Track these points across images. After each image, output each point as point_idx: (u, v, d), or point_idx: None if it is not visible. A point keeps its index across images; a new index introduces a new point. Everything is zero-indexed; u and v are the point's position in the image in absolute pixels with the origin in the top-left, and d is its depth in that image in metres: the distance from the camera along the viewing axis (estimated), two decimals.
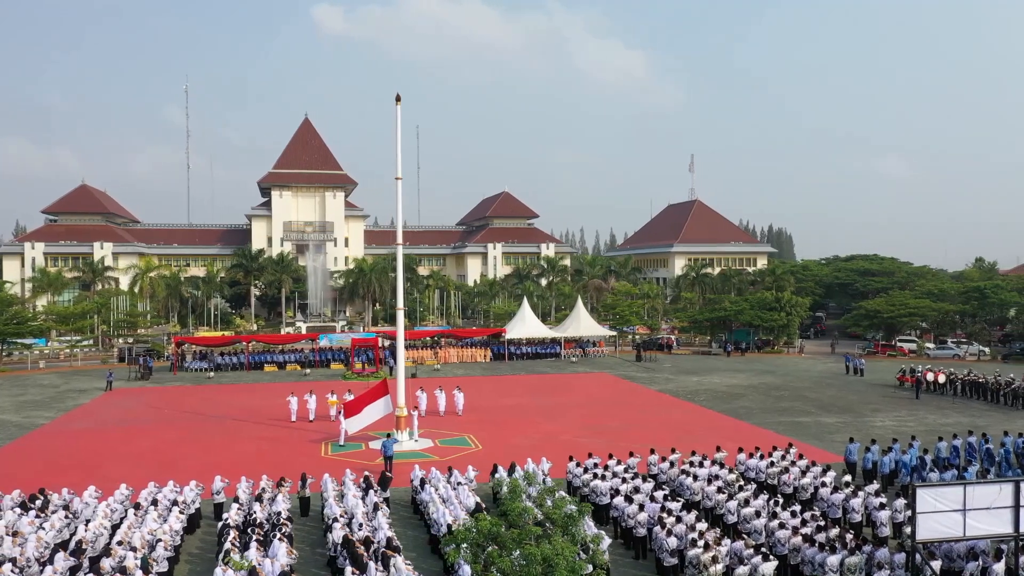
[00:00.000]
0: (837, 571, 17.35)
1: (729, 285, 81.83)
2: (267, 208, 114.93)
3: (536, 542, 13.41)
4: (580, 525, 14.33)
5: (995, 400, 43.29)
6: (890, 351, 66.01)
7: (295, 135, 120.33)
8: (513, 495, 14.24)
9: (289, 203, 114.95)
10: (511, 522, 13.71)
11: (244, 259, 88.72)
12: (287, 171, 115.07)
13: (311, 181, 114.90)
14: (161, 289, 74.71)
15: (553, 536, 13.53)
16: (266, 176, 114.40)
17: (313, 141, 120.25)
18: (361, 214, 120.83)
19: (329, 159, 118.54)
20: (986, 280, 78.60)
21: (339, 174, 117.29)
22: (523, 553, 12.96)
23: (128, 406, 43.58)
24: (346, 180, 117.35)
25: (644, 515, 20.67)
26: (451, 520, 20.02)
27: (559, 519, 13.86)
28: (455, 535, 14.25)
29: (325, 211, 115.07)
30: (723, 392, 47.44)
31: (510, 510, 13.86)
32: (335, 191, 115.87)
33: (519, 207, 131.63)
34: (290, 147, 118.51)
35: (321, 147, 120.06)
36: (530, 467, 25.47)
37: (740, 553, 18.05)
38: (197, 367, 58.14)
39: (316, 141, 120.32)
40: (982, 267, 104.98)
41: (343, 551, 18.45)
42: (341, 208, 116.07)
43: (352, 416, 32.41)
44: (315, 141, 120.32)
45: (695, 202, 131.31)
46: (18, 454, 32.30)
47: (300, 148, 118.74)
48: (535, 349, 65.25)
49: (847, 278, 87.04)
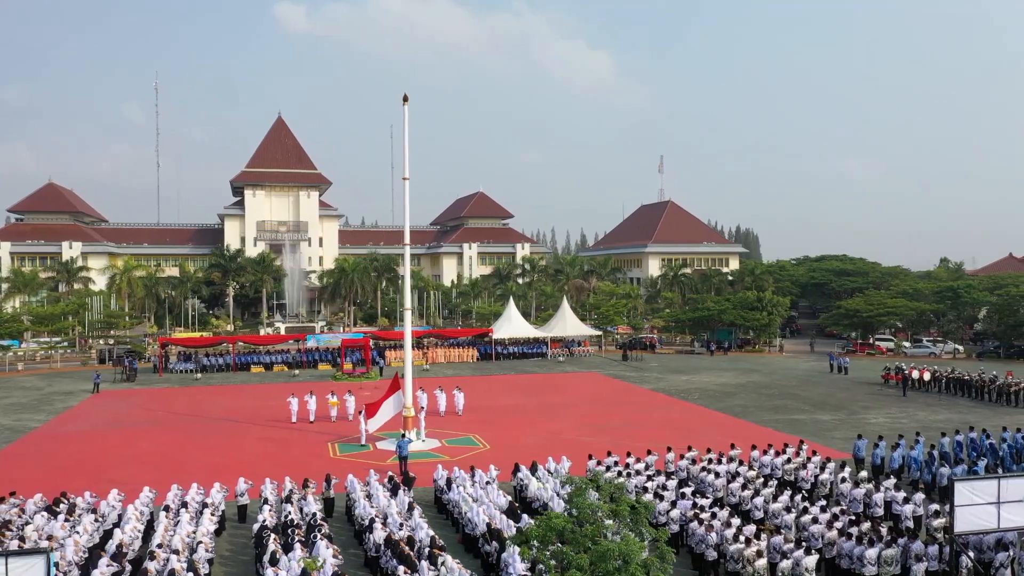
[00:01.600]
0: (875, 564, 17.79)
1: (709, 285, 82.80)
2: (240, 207, 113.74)
3: (605, 538, 13.59)
4: (642, 521, 14.54)
5: (979, 397, 44.45)
6: (869, 350, 67.39)
7: (268, 134, 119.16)
8: (580, 492, 14.38)
9: (263, 202, 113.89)
10: (582, 518, 13.86)
11: (222, 259, 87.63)
12: (261, 170, 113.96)
13: (285, 180, 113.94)
14: (140, 289, 73.50)
15: (623, 532, 13.71)
16: (239, 175, 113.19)
17: (287, 140, 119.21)
18: (335, 214, 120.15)
19: (303, 158, 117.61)
20: (955, 280, 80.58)
21: (313, 173, 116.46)
22: (598, 550, 13.12)
23: (120, 408, 42.92)
24: (320, 180, 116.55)
25: (677, 512, 20.98)
26: (487, 519, 20.14)
27: (626, 515, 14.04)
28: (528, 533, 14.37)
29: (299, 211, 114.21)
30: (715, 391, 48.08)
31: (579, 506, 14.01)
32: (309, 191, 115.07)
33: (494, 207, 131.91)
34: (263, 146, 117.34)
35: (295, 146, 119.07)
36: (551, 466, 25.72)
37: (780, 547, 18.41)
38: (182, 368, 57.35)
39: (290, 140, 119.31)
40: (948, 267, 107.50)
41: (386, 551, 18.45)
42: (315, 208, 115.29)
43: (372, 417, 32.43)
44: (289, 140, 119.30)
45: (668, 203, 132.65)
46: (18, 457, 31.68)
47: (274, 147, 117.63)
48: (521, 349, 65.47)
49: (822, 278, 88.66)
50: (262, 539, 18.67)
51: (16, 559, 12.65)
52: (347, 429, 36.48)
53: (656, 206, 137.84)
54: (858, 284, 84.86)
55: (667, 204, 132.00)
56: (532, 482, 23.78)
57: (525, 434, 35.52)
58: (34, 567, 12.65)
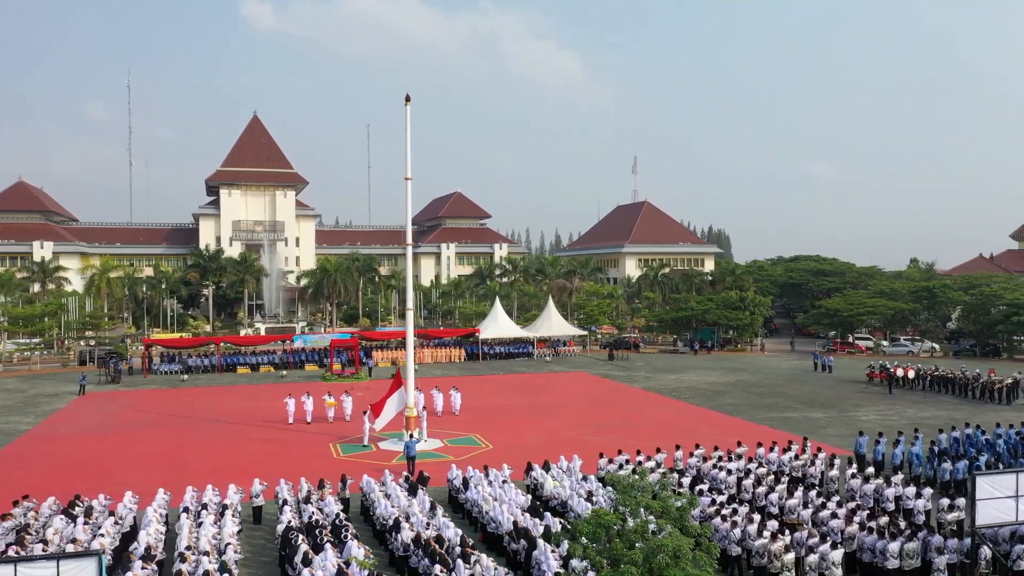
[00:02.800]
0: (897, 557, 18.19)
1: (689, 285, 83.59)
2: (215, 207, 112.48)
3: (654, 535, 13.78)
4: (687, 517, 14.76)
5: (963, 394, 45.43)
6: (849, 349, 68.53)
7: (244, 133, 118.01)
8: (626, 490, 14.56)
9: (238, 202, 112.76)
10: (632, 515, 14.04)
11: (201, 259, 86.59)
12: (236, 169, 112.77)
13: (261, 180, 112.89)
14: (120, 290, 72.38)
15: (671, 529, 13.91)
16: (214, 174, 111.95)
17: (263, 139, 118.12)
18: (312, 214, 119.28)
19: (279, 157, 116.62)
20: (927, 280, 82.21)
21: (290, 172, 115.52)
22: (649, 545, 13.31)
23: (110, 410, 42.32)
24: (297, 179, 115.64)
25: (696, 509, 21.22)
26: (511, 517, 20.24)
27: (672, 511, 14.25)
28: (575, 529, 14.51)
29: (275, 210, 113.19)
30: (705, 390, 48.59)
31: (627, 504, 14.18)
32: (286, 190, 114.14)
33: (471, 207, 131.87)
34: (239, 145, 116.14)
35: (271, 145, 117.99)
36: (563, 464, 25.88)
37: (803, 542, 18.74)
38: (166, 369, 56.61)
39: (266, 139, 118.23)
40: (918, 267, 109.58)
41: (416, 551, 18.48)
42: (292, 207, 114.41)
43: (377, 416, 32.37)
44: (265, 139, 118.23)
45: (644, 203, 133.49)
46: (15, 460, 31.14)
47: (249, 146, 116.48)
48: (507, 349, 65.58)
49: (800, 278, 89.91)
50: (290, 540, 18.59)
51: (68, 561, 12.54)
52: (345, 429, 36.37)
53: (632, 206, 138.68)
54: (835, 284, 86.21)
55: (643, 204, 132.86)
56: (548, 481, 23.92)
57: (525, 434, 35.65)
58: (86, 569, 12.53)
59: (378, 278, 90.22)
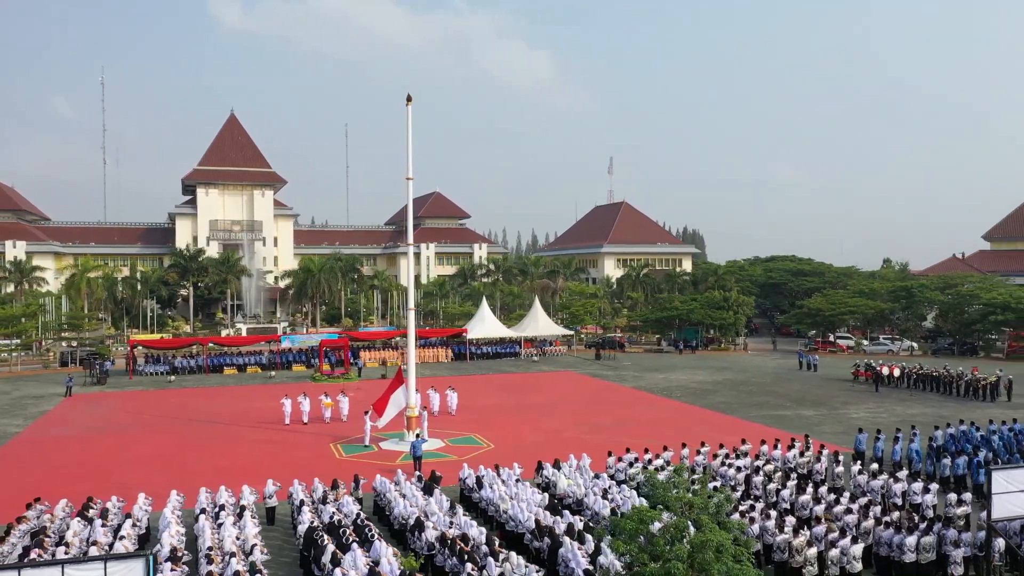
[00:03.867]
0: (914, 550, 18.58)
1: (672, 284, 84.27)
2: (192, 206, 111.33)
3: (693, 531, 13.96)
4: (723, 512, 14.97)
5: (948, 392, 46.33)
6: (831, 348, 69.53)
7: (221, 131, 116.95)
8: (665, 486, 14.73)
9: (216, 201, 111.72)
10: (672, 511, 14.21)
11: (182, 258, 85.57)
12: (213, 168, 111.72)
13: (239, 179, 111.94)
14: (100, 290, 71.36)
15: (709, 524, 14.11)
16: (191, 173, 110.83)
17: (240, 138, 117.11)
18: (290, 213, 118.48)
19: (257, 156, 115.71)
20: (902, 280, 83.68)
21: (268, 172, 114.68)
22: (693, 540, 13.50)
23: (101, 412, 41.79)
24: (275, 178, 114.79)
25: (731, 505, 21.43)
26: (531, 515, 20.35)
27: (711, 507, 14.44)
28: (614, 526, 14.66)
29: (253, 210, 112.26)
30: (694, 388, 49.06)
31: (667, 499, 14.35)
32: (263, 189, 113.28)
33: (451, 207, 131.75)
34: (216, 143, 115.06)
35: (248, 144, 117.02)
36: (572, 462, 26.04)
37: (820, 537, 19.06)
38: (152, 370, 55.92)
39: (243, 138, 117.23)
40: (891, 267, 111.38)
41: (443, 550, 18.53)
42: (270, 207, 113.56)
43: (380, 415, 32.35)
44: (242, 138, 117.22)
45: (622, 204, 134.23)
46: (14, 462, 30.68)
47: (226, 145, 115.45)
48: (494, 349, 65.66)
49: (780, 278, 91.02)
50: (315, 540, 18.52)
51: (115, 563, 12.43)
52: (342, 430, 36.26)
53: (610, 207, 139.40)
54: (815, 284, 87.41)
55: (621, 205, 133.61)
56: (561, 479, 24.06)
57: (524, 433, 35.78)
58: (134, 570, 12.45)
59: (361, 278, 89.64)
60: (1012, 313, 63.31)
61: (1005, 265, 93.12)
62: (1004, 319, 64.43)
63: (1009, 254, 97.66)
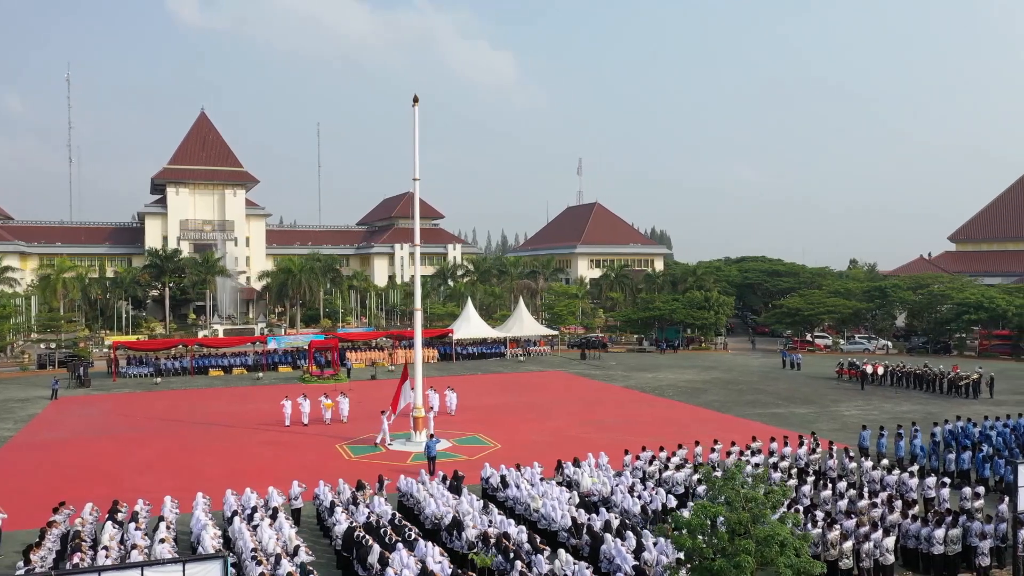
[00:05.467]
0: (943, 543, 19.15)
1: (652, 285, 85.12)
2: (162, 205, 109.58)
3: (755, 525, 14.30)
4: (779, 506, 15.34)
5: (930, 389, 47.50)
6: (809, 347, 70.82)
7: (191, 130, 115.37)
8: (727, 481, 15.04)
9: (186, 200, 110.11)
10: (734, 506, 14.52)
11: (157, 259, 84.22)
12: (184, 167, 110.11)
13: (210, 178, 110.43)
14: (76, 291, 69.97)
15: (771, 519, 14.46)
16: (161, 172, 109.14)
17: (210, 136, 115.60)
18: (262, 213, 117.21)
19: (228, 155, 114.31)
20: (872, 280, 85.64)
21: (239, 171, 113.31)
22: (758, 534, 13.84)
23: (91, 415, 41.10)
24: (247, 177, 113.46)
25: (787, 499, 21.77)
26: (564, 513, 20.56)
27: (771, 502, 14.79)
28: (675, 522, 14.93)
29: (225, 209, 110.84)
30: (685, 387, 49.66)
31: (729, 495, 14.66)
32: (235, 188, 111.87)
33: (425, 208, 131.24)
34: (186, 142, 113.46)
35: (219, 142, 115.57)
36: (591, 460, 26.30)
37: (850, 531, 19.53)
38: (135, 372, 55.01)
39: (213, 136, 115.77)
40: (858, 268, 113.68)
41: (486, 549, 18.63)
42: (242, 206, 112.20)
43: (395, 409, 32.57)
44: (212, 136, 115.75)
45: (595, 204, 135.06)
46: (16, 467, 30.06)
47: (197, 143, 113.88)
48: (479, 349, 65.75)
49: (756, 279, 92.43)
50: (360, 541, 18.49)
51: (194, 564, 12.40)
52: (344, 431, 36.17)
53: (582, 208, 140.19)
54: (790, 284, 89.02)
55: (594, 206, 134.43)
56: (584, 477, 24.29)
57: (527, 432, 35.97)
58: (211, 572, 12.43)
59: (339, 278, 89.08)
60: (985, 312, 65.10)
61: (970, 266, 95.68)
62: (977, 318, 66.21)
63: (974, 255, 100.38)
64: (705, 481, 16.75)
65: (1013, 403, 42.49)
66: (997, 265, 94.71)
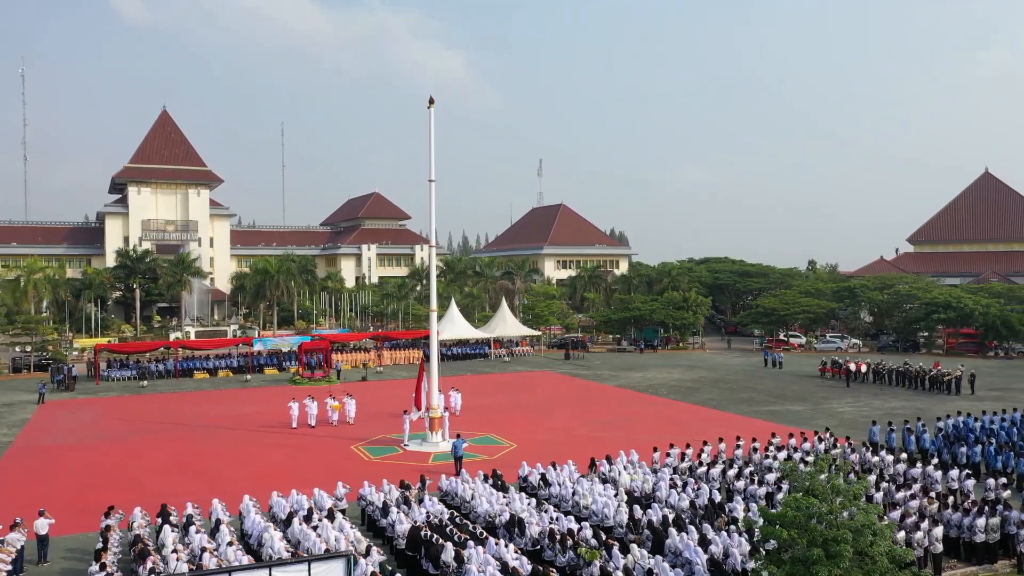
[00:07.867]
0: (984, 531, 20.00)
1: (628, 285, 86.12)
2: (123, 205, 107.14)
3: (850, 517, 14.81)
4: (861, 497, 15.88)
5: (913, 386, 49.04)
6: (784, 346, 72.44)
7: (153, 128, 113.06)
8: (813, 474, 15.51)
9: (148, 200, 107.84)
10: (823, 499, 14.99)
11: (128, 260, 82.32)
12: (145, 166, 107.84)
13: (173, 177, 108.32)
14: (47, 292, 68.07)
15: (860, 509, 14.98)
16: (122, 171, 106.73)
17: (173, 135, 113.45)
18: (227, 213, 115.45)
19: (191, 154, 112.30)
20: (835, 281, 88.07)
21: (203, 170, 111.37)
22: (852, 525, 14.35)
23: (85, 419, 40.19)
24: (211, 177, 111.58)
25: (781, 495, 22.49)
26: (619, 510, 20.93)
27: (859, 492, 15.30)
28: (765, 516, 15.37)
29: (188, 209, 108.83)
30: (676, 386, 50.44)
31: (816, 488, 15.13)
32: (199, 188, 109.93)
33: (391, 208, 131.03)
34: (148, 140, 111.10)
35: (182, 141, 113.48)
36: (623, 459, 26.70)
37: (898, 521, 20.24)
38: (119, 375, 53.80)
39: (176, 135, 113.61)
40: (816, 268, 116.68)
41: (552, 545, 18.88)
42: (205, 206, 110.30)
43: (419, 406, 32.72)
44: (175, 135, 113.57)
45: (560, 206, 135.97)
46: (26, 473, 29.31)
47: (159, 142, 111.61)
48: (464, 350, 65.82)
49: (727, 279, 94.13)
50: (430, 540, 18.53)
51: (319, 564, 12.53)
52: (352, 432, 36.09)
53: (548, 209, 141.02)
54: (761, 285, 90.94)
55: (559, 207, 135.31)
56: (624, 475, 24.66)
57: (537, 431, 36.26)
58: (335, 571, 12.53)
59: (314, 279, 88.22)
60: (953, 312, 67.38)
61: (929, 267, 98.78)
62: (945, 317, 68.50)
63: (932, 256, 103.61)
64: (789, 475, 17.16)
65: (991, 399, 44.16)
66: (956, 266, 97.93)
